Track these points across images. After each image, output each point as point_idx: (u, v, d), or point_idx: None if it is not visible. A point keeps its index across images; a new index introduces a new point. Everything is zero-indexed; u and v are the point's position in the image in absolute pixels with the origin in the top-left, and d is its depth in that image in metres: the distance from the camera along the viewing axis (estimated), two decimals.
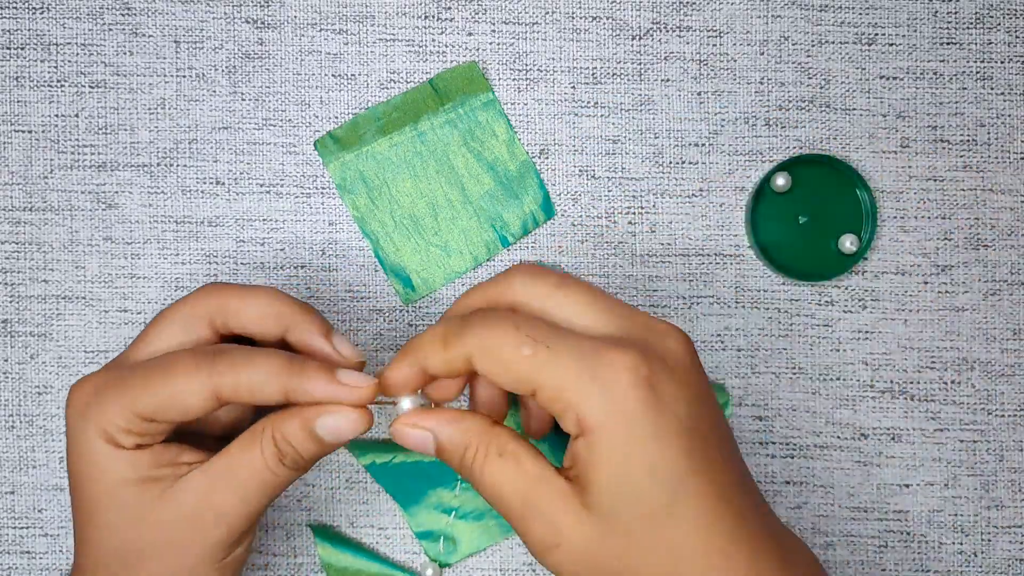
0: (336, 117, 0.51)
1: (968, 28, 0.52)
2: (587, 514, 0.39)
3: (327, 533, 0.51)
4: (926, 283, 0.52)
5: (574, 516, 0.39)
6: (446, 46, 0.51)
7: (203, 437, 0.45)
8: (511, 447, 0.40)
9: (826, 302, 0.51)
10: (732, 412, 0.51)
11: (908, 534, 0.51)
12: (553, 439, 0.50)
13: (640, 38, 0.51)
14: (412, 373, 0.41)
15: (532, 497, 0.39)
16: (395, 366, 0.41)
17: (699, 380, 0.40)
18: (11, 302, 0.51)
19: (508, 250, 0.51)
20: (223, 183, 0.51)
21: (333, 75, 0.51)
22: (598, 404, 0.38)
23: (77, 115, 0.51)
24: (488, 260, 0.51)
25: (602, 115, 0.51)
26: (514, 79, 0.51)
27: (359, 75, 0.51)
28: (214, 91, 0.51)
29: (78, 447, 0.41)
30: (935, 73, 0.52)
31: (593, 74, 0.51)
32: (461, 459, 0.41)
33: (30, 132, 0.51)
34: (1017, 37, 0.52)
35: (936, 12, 0.52)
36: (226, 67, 0.51)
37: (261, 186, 0.51)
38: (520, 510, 0.40)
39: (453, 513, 0.51)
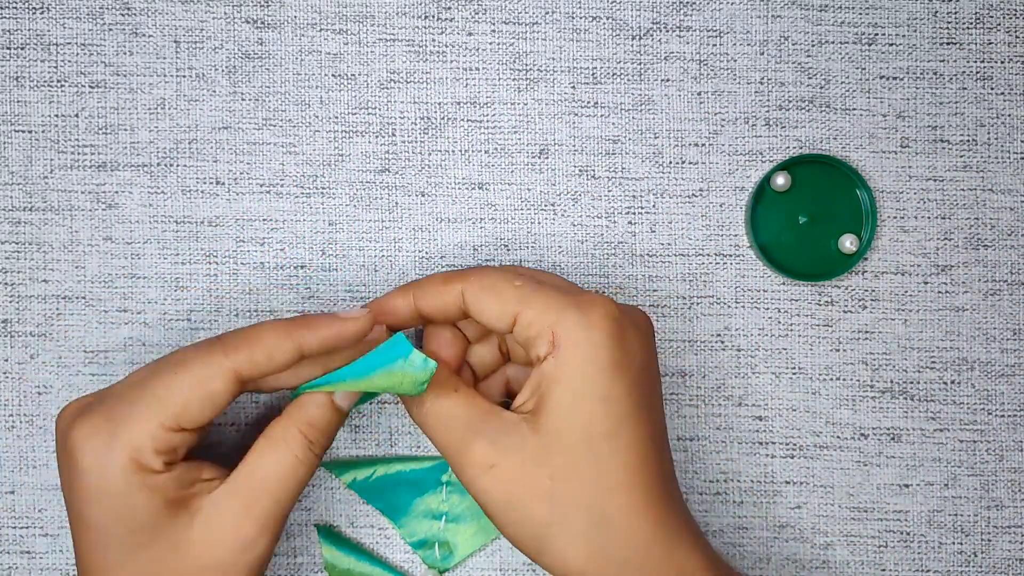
0: (336, 117, 0.51)
1: (968, 28, 0.52)
2: (533, 435, 0.41)
3: (331, 534, 0.51)
4: (926, 283, 0.52)
5: (519, 437, 0.41)
6: (446, 46, 0.51)
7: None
8: (465, 388, 0.44)
9: (826, 302, 0.51)
10: None
11: (908, 534, 0.51)
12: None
13: (640, 38, 0.51)
14: (404, 304, 0.45)
15: (478, 421, 0.42)
16: (389, 295, 0.45)
17: (652, 346, 0.44)
18: (11, 302, 0.51)
19: (508, 250, 0.51)
20: (223, 183, 0.51)
21: (333, 75, 0.51)
22: (574, 324, 0.41)
23: (77, 115, 0.51)
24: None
25: (602, 115, 0.51)
26: (514, 79, 0.51)
27: (359, 75, 0.51)
28: (214, 91, 0.51)
29: (94, 486, 0.40)
30: (935, 73, 0.52)
31: (593, 74, 0.51)
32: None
33: (30, 132, 0.51)
34: (1017, 37, 0.52)
35: (936, 12, 0.52)
36: (226, 67, 0.51)
37: (261, 186, 0.51)
38: (462, 433, 0.42)
39: (444, 518, 0.50)
